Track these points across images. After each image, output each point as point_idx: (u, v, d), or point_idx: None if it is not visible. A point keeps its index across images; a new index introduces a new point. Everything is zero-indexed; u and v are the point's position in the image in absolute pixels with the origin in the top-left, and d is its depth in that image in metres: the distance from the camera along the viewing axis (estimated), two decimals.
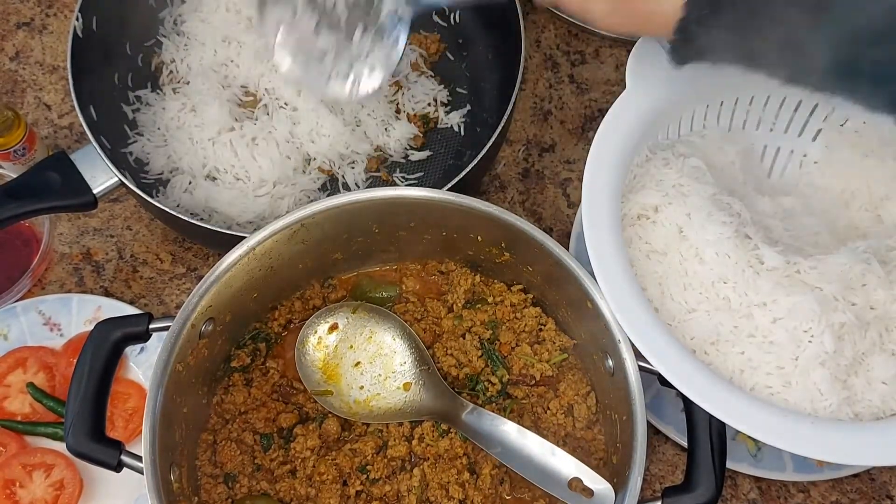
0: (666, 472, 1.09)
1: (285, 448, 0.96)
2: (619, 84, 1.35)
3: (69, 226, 1.22)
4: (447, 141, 1.25)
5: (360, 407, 0.98)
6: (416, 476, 0.93)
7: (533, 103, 1.34)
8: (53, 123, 1.29)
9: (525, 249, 0.97)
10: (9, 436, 1.05)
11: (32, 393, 1.07)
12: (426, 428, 0.96)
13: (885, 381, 0.88)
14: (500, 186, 1.27)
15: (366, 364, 1.00)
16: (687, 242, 0.93)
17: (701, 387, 0.83)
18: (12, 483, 1.02)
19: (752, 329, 0.89)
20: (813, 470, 1.05)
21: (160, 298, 1.18)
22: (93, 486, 1.04)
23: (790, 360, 0.87)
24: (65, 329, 1.13)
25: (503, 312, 1.03)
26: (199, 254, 1.21)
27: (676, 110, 1.02)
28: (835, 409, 0.87)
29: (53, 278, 1.18)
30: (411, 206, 0.97)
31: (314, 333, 1.01)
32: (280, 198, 1.15)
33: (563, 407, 0.98)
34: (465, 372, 0.99)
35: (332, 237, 0.99)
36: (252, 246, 0.93)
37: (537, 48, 1.38)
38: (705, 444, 0.83)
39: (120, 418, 1.07)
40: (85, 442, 0.83)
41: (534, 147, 1.30)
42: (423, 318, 1.04)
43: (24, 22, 1.37)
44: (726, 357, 0.90)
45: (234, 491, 0.94)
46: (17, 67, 1.33)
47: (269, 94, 1.20)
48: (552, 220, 1.25)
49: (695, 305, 0.91)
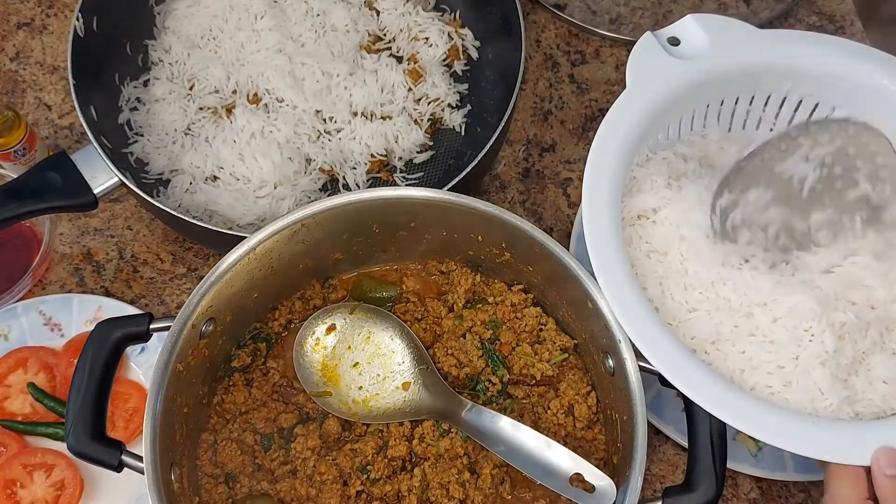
0: (666, 472, 1.09)
1: (286, 448, 0.96)
2: (619, 84, 1.35)
3: (70, 226, 1.22)
4: (447, 141, 1.25)
5: (359, 407, 0.98)
6: (416, 476, 0.93)
7: (533, 103, 1.34)
8: (54, 123, 1.29)
9: (525, 249, 0.97)
10: (9, 436, 1.05)
11: (33, 393, 1.07)
12: (426, 428, 0.96)
13: (886, 381, 0.88)
14: (500, 186, 1.27)
15: (364, 364, 1.00)
16: (687, 242, 0.93)
17: (702, 387, 0.83)
18: (13, 483, 1.02)
19: (753, 328, 0.89)
20: (814, 470, 1.05)
21: (161, 298, 1.18)
22: (93, 486, 1.04)
23: (791, 359, 0.87)
24: (65, 329, 1.13)
25: (504, 312, 1.03)
26: (200, 254, 1.21)
27: (676, 110, 1.02)
28: (835, 408, 0.86)
29: (54, 278, 1.18)
30: (412, 206, 0.97)
31: (312, 335, 1.01)
32: (281, 199, 1.15)
33: (563, 407, 0.98)
34: (466, 372, 0.99)
35: (333, 237, 0.99)
36: (252, 246, 0.93)
37: (537, 48, 1.38)
38: (706, 444, 0.83)
39: (120, 418, 1.07)
40: (85, 442, 0.83)
41: (534, 147, 1.30)
42: (424, 318, 1.04)
43: (25, 22, 1.37)
44: (727, 356, 0.90)
45: (235, 491, 0.94)
46: (17, 67, 1.33)
47: (269, 94, 1.20)
48: (552, 220, 1.25)
49: (695, 305, 0.91)
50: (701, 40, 1.00)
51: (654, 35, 0.99)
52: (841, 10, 1.45)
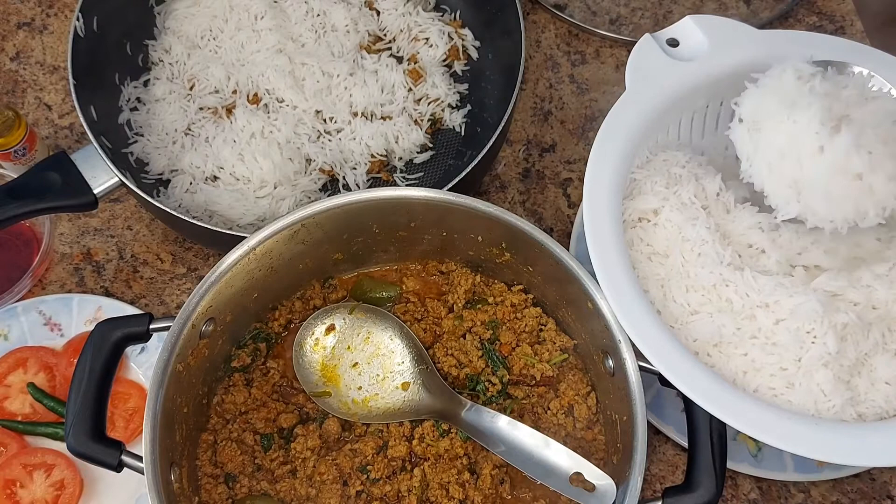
0: (666, 472, 1.09)
1: (286, 448, 0.96)
2: (619, 84, 1.35)
3: (70, 226, 1.22)
4: (448, 141, 1.25)
5: (358, 407, 0.98)
6: (416, 476, 0.93)
7: (533, 103, 1.34)
8: (54, 123, 1.29)
9: (525, 249, 0.97)
10: (9, 436, 1.05)
11: (33, 393, 1.07)
12: (426, 428, 0.96)
13: (889, 382, 0.88)
14: (500, 186, 1.27)
15: (364, 364, 1.00)
16: (688, 243, 0.93)
17: (703, 388, 0.83)
18: (13, 483, 1.02)
19: (755, 330, 0.89)
20: (813, 470, 1.05)
21: (161, 298, 1.18)
22: (93, 486, 1.04)
23: (793, 361, 0.87)
24: (65, 329, 1.13)
25: (504, 313, 1.03)
26: (200, 254, 1.21)
27: (676, 111, 1.02)
28: (838, 409, 0.86)
29: (54, 278, 1.18)
30: (411, 206, 0.97)
31: (311, 335, 1.01)
32: (281, 199, 1.15)
33: (563, 407, 0.98)
34: (466, 372, 0.99)
35: (333, 237, 0.99)
36: (252, 246, 0.93)
37: (537, 48, 1.38)
38: (706, 445, 0.83)
39: (120, 418, 1.07)
40: (85, 442, 0.83)
41: (534, 147, 1.30)
42: (424, 318, 1.04)
43: (25, 22, 1.37)
44: (729, 359, 0.89)
45: (235, 491, 0.94)
46: (17, 68, 1.33)
47: (269, 95, 1.20)
48: (552, 220, 1.25)
49: (697, 307, 0.91)
50: (700, 41, 1.00)
51: (653, 37, 0.99)
52: (841, 10, 1.45)
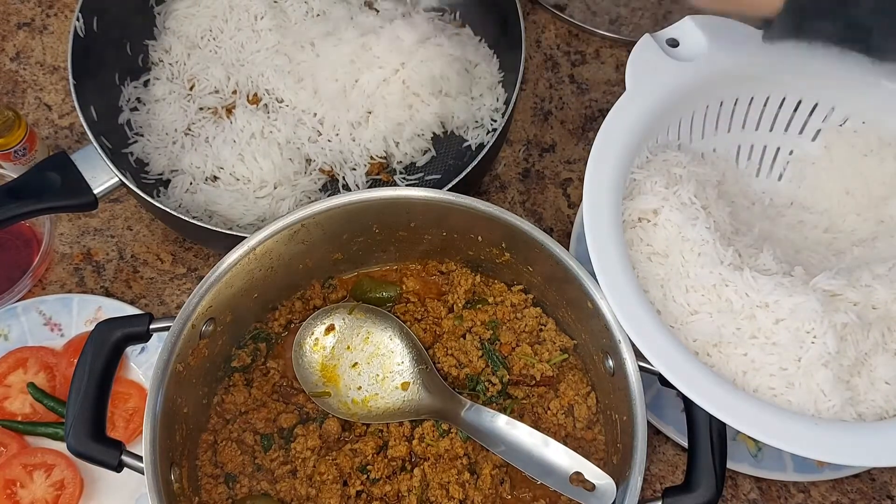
0: (666, 472, 1.09)
1: (286, 448, 0.96)
2: (619, 84, 1.35)
3: (70, 226, 1.22)
4: (448, 141, 1.25)
5: (358, 407, 0.98)
6: (416, 476, 0.93)
7: (533, 103, 1.34)
8: (54, 124, 1.29)
9: (525, 250, 0.97)
10: (9, 436, 1.05)
11: (33, 393, 1.07)
12: (426, 428, 0.96)
13: (888, 381, 0.88)
14: (500, 186, 1.27)
15: (363, 365, 1.00)
16: (688, 244, 0.93)
17: (703, 388, 0.83)
18: (13, 483, 1.02)
19: (755, 330, 0.89)
20: (813, 470, 1.05)
21: (161, 299, 1.18)
22: (93, 486, 1.04)
23: (793, 361, 0.87)
24: (65, 329, 1.13)
25: (503, 313, 1.03)
26: (200, 254, 1.21)
27: (676, 112, 1.02)
28: (838, 409, 0.86)
29: (54, 278, 1.18)
30: (411, 206, 0.97)
31: (311, 335, 1.01)
32: (281, 199, 1.15)
33: (563, 407, 0.98)
34: (466, 372, 0.99)
35: (333, 237, 0.99)
36: (252, 246, 0.93)
37: (537, 48, 1.38)
38: (705, 445, 0.83)
39: (120, 418, 1.07)
40: (85, 442, 0.83)
41: (534, 147, 1.30)
42: (424, 318, 1.04)
43: (25, 22, 1.37)
44: (729, 359, 0.89)
45: (235, 491, 0.94)
46: (17, 68, 1.33)
47: (269, 95, 1.20)
48: (552, 220, 1.25)
49: (697, 307, 0.91)
50: (700, 42, 1.00)
51: (652, 37, 0.99)
52: None
